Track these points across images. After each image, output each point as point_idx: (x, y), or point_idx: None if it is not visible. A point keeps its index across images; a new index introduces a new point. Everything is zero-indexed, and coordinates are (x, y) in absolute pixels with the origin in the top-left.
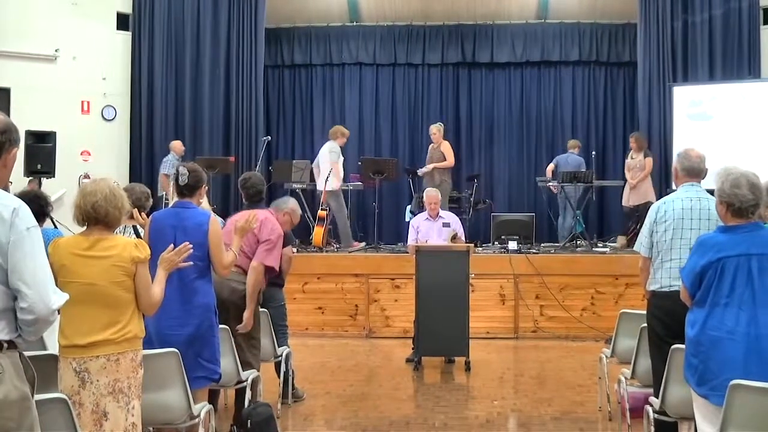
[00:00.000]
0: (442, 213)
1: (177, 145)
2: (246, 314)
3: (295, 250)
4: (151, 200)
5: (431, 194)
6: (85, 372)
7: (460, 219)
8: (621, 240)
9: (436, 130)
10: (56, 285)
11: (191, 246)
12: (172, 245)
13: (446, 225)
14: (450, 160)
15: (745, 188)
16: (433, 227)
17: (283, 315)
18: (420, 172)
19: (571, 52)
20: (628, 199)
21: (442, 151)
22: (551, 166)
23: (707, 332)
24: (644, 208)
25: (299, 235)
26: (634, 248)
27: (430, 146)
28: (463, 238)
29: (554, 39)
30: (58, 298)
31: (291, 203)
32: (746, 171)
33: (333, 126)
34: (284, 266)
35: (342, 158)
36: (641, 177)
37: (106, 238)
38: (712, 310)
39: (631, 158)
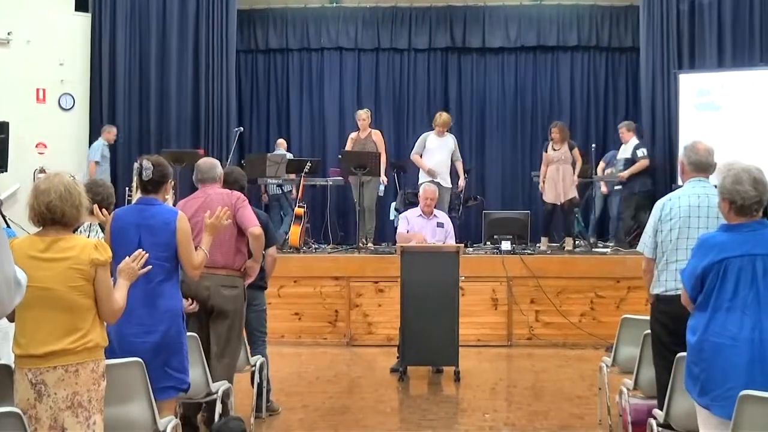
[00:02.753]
0: (436, 212)
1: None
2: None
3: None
4: (114, 197)
5: (429, 190)
6: (41, 384)
7: (450, 217)
8: (545, 241)
9: (366, 116)
10: None
11: (146, 253)
12: (128, 257)
13: (440, 225)
14: (383, 152)
15: (748, 184)
16: (426, 226)
17: (262, 320)
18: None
19: (570, 36)
20: (559, 196)
21: (375, 141)
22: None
23: (709, 338)
24: (570, 205)
25: None
26: (637, 248)
27: (356, 136)
28: (453, 242)
29: (551, 22)
30: (18, 296)
31: (217, 165)
32: (749, 166)
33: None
34: (267, 268)
35: (426, 149)
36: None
37: (63, 238)
38: (715, 315)
39: (553, 150)
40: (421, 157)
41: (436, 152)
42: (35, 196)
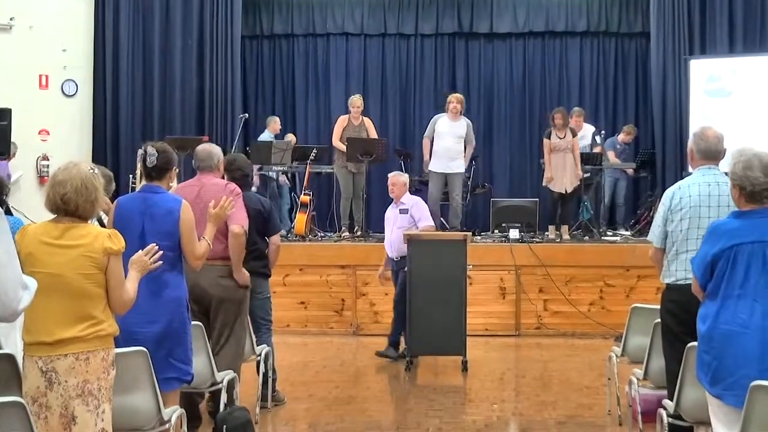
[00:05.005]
0: (404, 198)
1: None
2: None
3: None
4: (113, 184)
5: (391, 176)
6: (52, 372)
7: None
8: (552, 230)
9: (360, 102)
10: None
11: (158, 248)
12: (134, 246)
13: (404, 212)
14: None
15: (758, 170)
16: (391, 215)
17: (266, 309)
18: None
19: (579, 21)
20: (565, 185)
21: (368, 129)
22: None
23: (720, 326)
24: (572, 194)
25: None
26: (647, 238)
27: (346, 121)
28: (428, 222)
29: (560, 7)
30: (26, 297)
31: (215, 152)
32: (760, 152)
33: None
34: (271, 256)
35: (436, 132)
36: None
37: (77, 226)
38: (725, 303)
39: (558, 138)
40: (432, 141)
41: (447, 137)
42: (52, 186)
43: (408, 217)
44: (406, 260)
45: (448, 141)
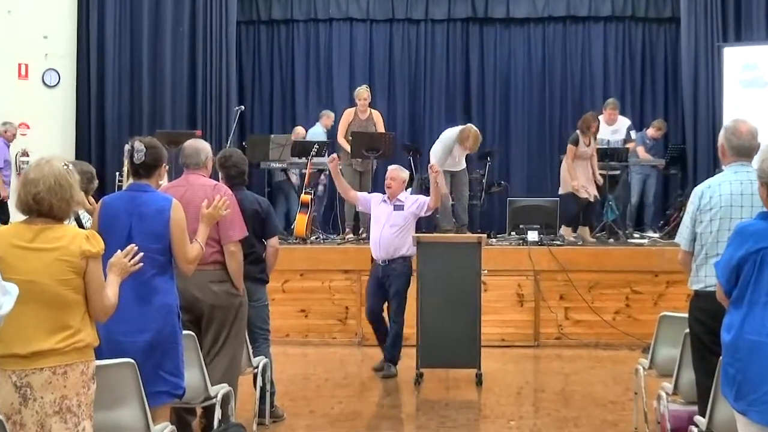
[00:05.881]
0: (402, 196)
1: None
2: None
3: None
4: (96, 181)
5: (390, 169)
6: (26, 387)
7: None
8: (569, 230)
9: (367, 94)
10: None
11: (147, 250)
12: (119, 250)
13: (398, 208)
14: None
15: None
16: (383, 211)
17: (264, 317)
18: None
19: (602, 5)
20: (593, 192)
21: (375, 123)
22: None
23: (745, 336)
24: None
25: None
26: (675, 240)
27: (352, 114)
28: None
29: None
30: (8, 302)
31: (202, 148)
32: None
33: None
34: (269, 260)
35: (454, 146)
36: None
37: (52, 227)
38: (751, 311)
39: (585, 145)
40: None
41: (458, 162)
42: (23, 185)
43: (404, 214)
44: (396, 264)
45: (460, 158)
